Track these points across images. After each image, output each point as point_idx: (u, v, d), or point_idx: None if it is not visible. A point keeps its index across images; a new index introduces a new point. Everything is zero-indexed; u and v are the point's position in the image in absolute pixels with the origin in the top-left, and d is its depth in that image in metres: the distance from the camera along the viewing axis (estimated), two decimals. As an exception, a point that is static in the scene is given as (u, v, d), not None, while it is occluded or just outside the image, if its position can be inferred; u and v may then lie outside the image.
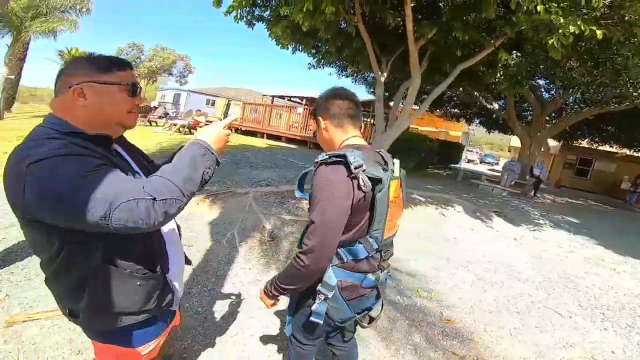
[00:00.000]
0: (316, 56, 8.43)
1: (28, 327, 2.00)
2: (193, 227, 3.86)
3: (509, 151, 35.09)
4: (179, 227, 1.30)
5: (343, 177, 1.09)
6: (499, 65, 6.33)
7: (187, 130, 11.97)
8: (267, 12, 6.18)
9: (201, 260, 3.18)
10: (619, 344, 2.80)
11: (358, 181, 1.08)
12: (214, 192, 4.89)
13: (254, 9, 6.04)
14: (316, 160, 1.15)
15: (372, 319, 1.35)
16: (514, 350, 2.51)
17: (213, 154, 0.97)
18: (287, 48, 6.60)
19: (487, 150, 60.09)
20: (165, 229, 1.12)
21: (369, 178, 1.09)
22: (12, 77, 16.55)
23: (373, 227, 1.16)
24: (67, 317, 1.02)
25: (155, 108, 16.48)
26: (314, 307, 1.21)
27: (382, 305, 1.38)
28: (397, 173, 1.27)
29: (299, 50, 7.13)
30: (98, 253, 0.90)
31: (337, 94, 1.31)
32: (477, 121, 18.34)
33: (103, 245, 0.90)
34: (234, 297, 2.67)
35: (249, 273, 3.08)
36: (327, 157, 1.13)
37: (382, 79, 6.91)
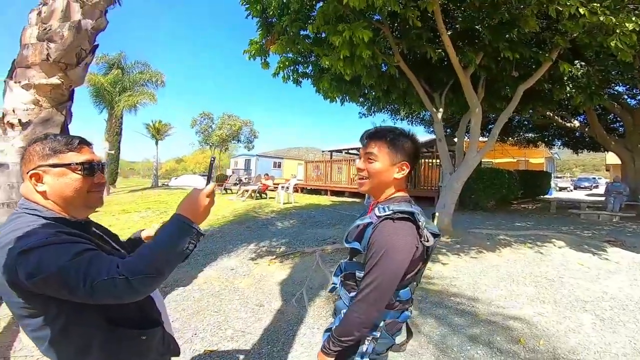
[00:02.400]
0: (365, 104, 8.54)
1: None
2: (264, 288, 3.86)
3: (607, 170, 30.51)
4: None
5: (412, 234, 1.08)
6: (565, 78, 5.77)
7: (258, 195, 12.71)
8: (310, 68, 6.52)
9: (271, 320, 3.11)
10: None
11: (422, 238, 1.09)
12: (284, 253, 4.95)
13: (297, 67, 6.41)
14: (378, 214, 1.11)
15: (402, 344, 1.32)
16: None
17: (193, 227, 0.94)
18: (335, 100, 6.77)
19: (579, 174, 53.00)
20: None
21: (431, 233, 1.12)
22: (113, 152, 18.84)
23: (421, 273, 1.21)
24: None
25: (229, 177, 17.98)
26: (363, 349, 1.19)
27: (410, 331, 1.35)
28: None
29: (347, 100, 7.27)
30: (97, 315, 0.92)
31: (405, 134, 1.22)
32: (559, 143, 16.48)
33: (98, 308, 0.91)
34: (302, 358, 2.50)
35: (317, 333, 2.88)
36: (391, 212, 1.09)
37: (439, 115, 6.60)
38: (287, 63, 5.98)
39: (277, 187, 12.70)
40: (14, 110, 2.39)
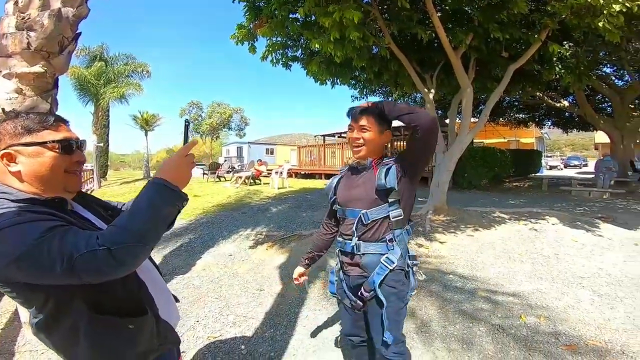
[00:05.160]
0: (357, 86, 8.44)
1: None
2: (263, 272, 3.86)
3: (595, 149, 31.06)
4: (157, 267, 1.24)
5: None
6: (554, 59, 5.79)
7: (251, 181, 12.62)
8: (300, 52, 6.41)
9: (272, 303, 3.11)
10: None
11: None
12: (281, 237, 4.92)
13: (286, 50, 6.30)
14: (389, 160, 1.53)
15: None
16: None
17: (174, 189, 0.88)
18: (326, 83, 6.69)
19: (569, 153, 53.95)
20: (142, 271, 1.05)
21: None
22: (102, 144, 18.63)
23: None
24: None
25: (221, 165, 17.80)
26: (412, 282, 1.58)
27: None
28: None
29: (337, 83, 7.17)
30: (82, 302, 0.88)
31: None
32: (549, 123, 16.76)
33: (84, 293, 0.87)
34: (305, 340, 2.52)
35: (319, 314, 2.90)
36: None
37: (431, 96, 6.60)
38: (276, 47, 5.86)
39: (270, 173, 12.61)
40: (-4, 100, 2.29)
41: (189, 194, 0.97)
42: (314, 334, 2.58)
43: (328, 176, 15.35)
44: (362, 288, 1.52)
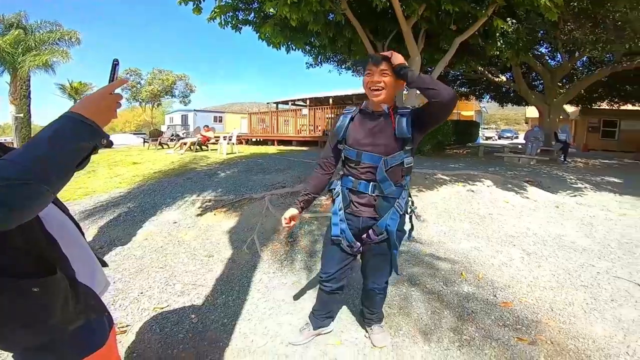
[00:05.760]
0: (312, 52, 8.24)
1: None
2: (212, 238, 3.71)
3: (526, 123, 34.17)
4: (77, 224, 1.04)
5: None
6: (497, 34, 6.16)
7: (197, 147, 11.90)
8: (252, 15, 6.06)
9: (223, 269, 3.01)
10: None
11: None
12: (230, 201, 4.72)
13: (237, 13, 5.94)
14: (404, 110, 1.60)
15: None
16: (594, 329, 2.14)
17: (86, 122, 0.71)
18: (279, 48, 6.41)
19: (503, 126, 58.81)
20: (52, 226, 0.86)
21: None
22: (22, 115, 16.95)
23: None
24: None
25: (164, 132, 16.53)
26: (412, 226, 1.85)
27: None
28: None
29: (292, 49, 6.93)
30: None
31: None
32: (488, 97, 18.10)
33: None
34: (260, 304, 2.47)
35: (273, 277, 2.87)
36: (411, 107, 1.66)
37: None
38: (225, 9, 5.42)
39: (218, 140, 11.94)
40: None
41: (128, 161, 0.80)
42: (268, 298, 2.54)
43: (281, 142, 15.06)
44: (370, 230, 1.64)
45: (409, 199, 1.71)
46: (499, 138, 35.91)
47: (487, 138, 32.89)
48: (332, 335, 2.09)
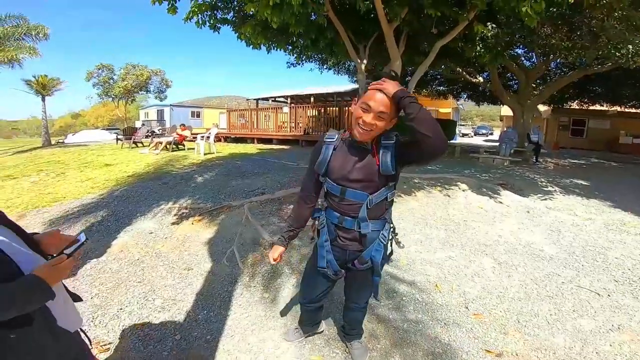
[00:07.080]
0: (293, 52, 8.20)
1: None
2: (190, 249, 3.65)
3: (501, 120, 35.26)
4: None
5: None
6: (477, 38, 6.34)
7: (174, 146, 11.62)
8: (231, 14, 5.95)
9: (203, 283, 2.99)
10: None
11: None
12: (208, 209, 4.66)
13: (216, 12, 5.85)
14: (388, 140, 1.54)
15: None
16: (556, 340, 2.28)
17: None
18: (260, 48, 6.35)
19: (479, 123, 60.59)
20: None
21: None
22: None
23: None
24: None
25: (138, 129, 15.92)
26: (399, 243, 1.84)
27: None
28: None
29: (273, 49, 6.88)
30: None
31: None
32: (465, 96, 18.75)
33: None
34: (242, 320, 2.48)
35: (255, 291, 2.88)
36: (395, 136, 1.56)
37: (363, 66, 6.86)
38: (203, 7, 5.30)
39: (196, 138, 11.69)
40: None
41: (100, 162, 0.85)
42: (250, 313, 2.55)
43: (261, 140, 14.92)
44: (355, 260, 1.68)
45: (391, 226, 1.74)
46: (475, 135, 37.00)
47: (464, 135, 33.82)
48: (316, 349, 2.16)
